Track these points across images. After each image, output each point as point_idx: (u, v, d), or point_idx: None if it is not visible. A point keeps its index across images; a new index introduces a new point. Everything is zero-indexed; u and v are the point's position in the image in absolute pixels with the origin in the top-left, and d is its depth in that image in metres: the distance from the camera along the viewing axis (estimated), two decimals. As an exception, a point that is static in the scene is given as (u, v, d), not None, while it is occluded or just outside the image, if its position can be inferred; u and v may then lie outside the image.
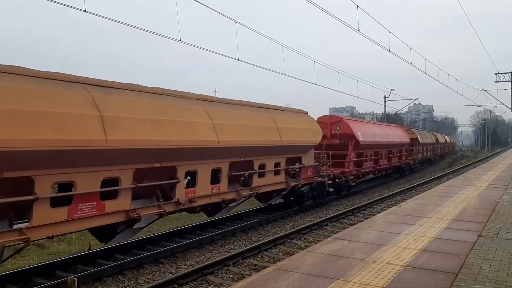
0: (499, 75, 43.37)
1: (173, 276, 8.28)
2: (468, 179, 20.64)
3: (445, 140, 57.62)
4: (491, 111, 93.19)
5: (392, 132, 27.77)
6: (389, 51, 23.61)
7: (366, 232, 8.87)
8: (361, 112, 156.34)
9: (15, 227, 7.00)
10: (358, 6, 17.98)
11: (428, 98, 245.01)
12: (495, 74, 43.31)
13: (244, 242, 11.68)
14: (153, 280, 8.44)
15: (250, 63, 30.78)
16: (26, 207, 7.07)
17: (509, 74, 43.04)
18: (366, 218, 12.91)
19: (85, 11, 10.00)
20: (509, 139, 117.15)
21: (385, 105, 53.54)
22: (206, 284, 8.27)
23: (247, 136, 11.77)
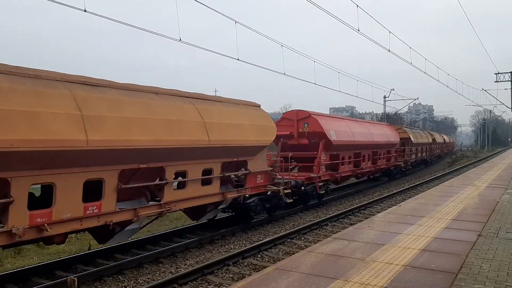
0: (499, 75, 43.40)
1: (173, 276, 8.28)
2: (468, 179, 20.64)
3: (444, 140, 55.86)
4: (491, 111, 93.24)
5: (378, 131, 24.69)
6: (389, 51, 23.62)
7: (366, 232, 8.87)
8: (361, 112, 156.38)
9: None
10: (358, 6, 17.98)
11: (428, 98, 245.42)
12: (495, 74, 43.35)
13: (244, 242, 11.67)
14: (153, 280, 8.44)
15: (250, 63, 30.76)
16: (1, 210, 6.76)
17: (509, 74, 43.05)
18: (366, 218, 12.91)
19: (85, 11, 10.00)
20: (509, 139, 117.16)
21: (385, 105, 53.54)
22: (206, 284, 8.27)
23: (150, 135, 8.61)
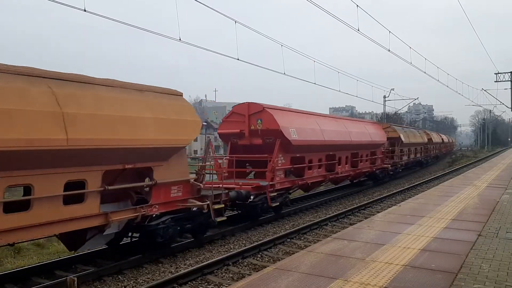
0: (499, 75, 43.34)
1: (173, 276, 8.28)
2: (468, 179, 20.64)
3: (442, 140, 53.28)
4: (491, 111, 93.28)
5: (359, 130, 21.54)
6: (389, 51, 23.61)
7: (366, 232, 8.87)
8: (361, 112, 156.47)
9: None
10: (358, 6, 17.98)
11: (428, 98, 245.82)
12: (495, 74, 43.29)
13: (244, 242, 11.67)
14: (153, 280, 8.44)
15: (250, 63, 30.75)
16: None
17: (509, 74, 43.01)
18: (366, 218, 12.91)
19: (85, 11, 10.00)
20: (509, 139, 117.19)
21: (385, 105, 53.56)
22: (206, 284, 8.26)
23: None
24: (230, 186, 12.85)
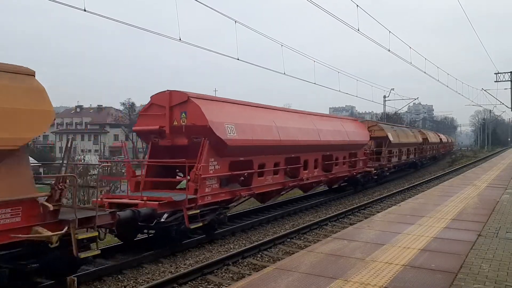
0: (499, 75, 43.32)
1: (173, 276, 8.29)
2: (468, 179, 20.64)
3: (440, 140, 50.94)
4: (491, 111, 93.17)
5: (332, 127, 18.47)
6: (389, 51, 23.61)
7: (366, 232, 8.87)
8: (361, 112, 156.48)
9: None
10: (358, 6, 17.98)
11: (428, 98, 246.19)
12: (495, 74, 43.28)
13: (244, 242, 11.67)
14: (153, 280, 8.43)
15: (250, 63, 30.76)
16: None
17: (509, 74, 43.00)
18: (366, 218, 12.91)
19: (85, 10, 10.00)
20: (509, 139, 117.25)
21: (385, 105, 53.58)
22: (206, 284, 8.26)
23: None
24: (133, 202, 9.86)
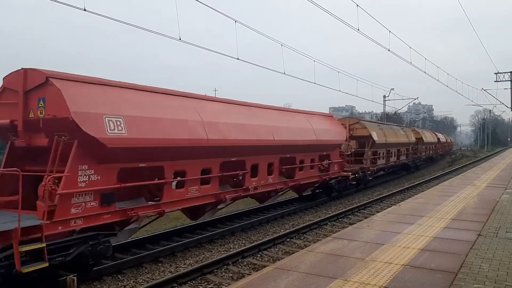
0: (499, 75, 43.39)
1: (173, 275, 8.29)
2: (468, 179, 20.65)
3: (438, 140, 47.74)
4: (491, 111, 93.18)
5: (295, 124, 15.15)
6: (389, 51, 23.61)
7: (366, 232, 8.87)
8: (361, 112, 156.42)
9: None
10: (358, 6, 17.99)
11: (428, 98, 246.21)
12: (495, 74, 43.34)
13: (244, 241, 11.67)
14: (153, 279, 8.44)
15: (250, 62, 30.79)
16: None
17: (509, 74, 43.05)
18: (366, 218, 12.92)
19: (85, 10, 10.00)
20: (509, 139, 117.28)
21: (385, 105, 53.62)
22: (206, 283, 8.26)
23: None
24: None
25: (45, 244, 7.16)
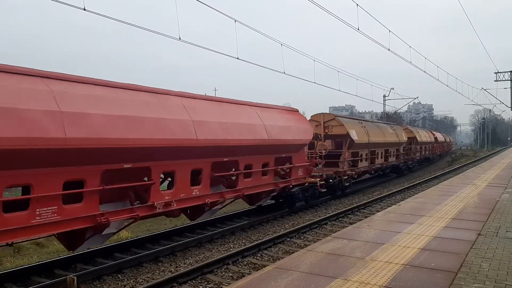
0: (499, 74, 43.39)
1: (173, 275, 8.28)
2: (468, 178, 20.64)
3: (436, 139, 45.62)
4: (491, 110, 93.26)
5: (240, 119, 12.04)
6: (389, 50, 23.60)
7: (366, 231, 8.86)
8: (361, 111, 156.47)
9: None
10: (358, 5, 17.97)
11: (428, 97, 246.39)
12: (495, 73, 43.35)
13: (244, 241, 11.67)
14: (153, 279, 8.43)
15: (250, 62, 30.80)
16: None
17: (509, 73, 43.05)
18: (366, 217, 12.91)
19: (84, 9, 9.98)
20: (509, 138, 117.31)
21: (385, 104, 53.65)
22: (206, 283, 8.26)
23: None
24: None
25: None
